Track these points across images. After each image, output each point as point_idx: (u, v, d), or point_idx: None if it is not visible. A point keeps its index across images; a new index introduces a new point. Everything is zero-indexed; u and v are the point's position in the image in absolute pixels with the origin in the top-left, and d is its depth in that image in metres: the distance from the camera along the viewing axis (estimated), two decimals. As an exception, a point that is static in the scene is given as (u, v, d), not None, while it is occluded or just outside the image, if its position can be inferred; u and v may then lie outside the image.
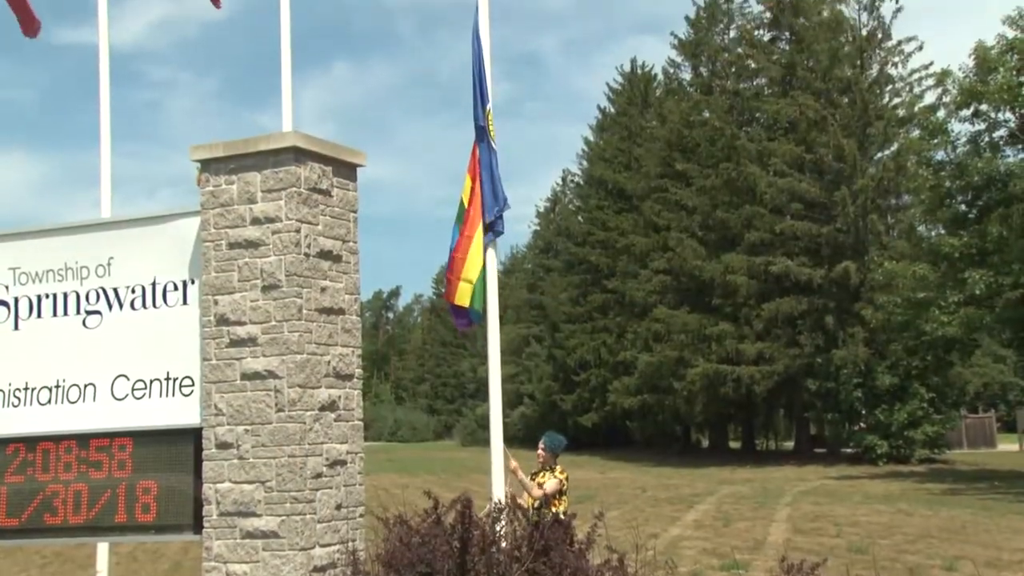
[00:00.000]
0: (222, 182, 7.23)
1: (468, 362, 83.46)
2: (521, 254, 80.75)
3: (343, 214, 7.47)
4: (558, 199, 69.03)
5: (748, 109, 43.63)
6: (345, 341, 7.33)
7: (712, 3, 48.62)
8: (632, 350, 45.92)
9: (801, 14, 41.40)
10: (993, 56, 26.74)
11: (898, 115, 39.22)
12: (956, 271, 27.90)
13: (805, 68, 40.63)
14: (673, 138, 46.26)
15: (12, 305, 7.97)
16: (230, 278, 7.14)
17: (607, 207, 54.60)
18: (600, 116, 60.72)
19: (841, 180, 38.55)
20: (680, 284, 43.59)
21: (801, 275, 38.20)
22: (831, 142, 38.15)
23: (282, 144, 7.11)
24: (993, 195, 27.29)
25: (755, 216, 39.51)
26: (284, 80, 8.56)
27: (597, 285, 53.50)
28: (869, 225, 38.79)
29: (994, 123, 28.04)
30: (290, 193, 7.03)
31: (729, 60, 45.53)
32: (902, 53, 39.39)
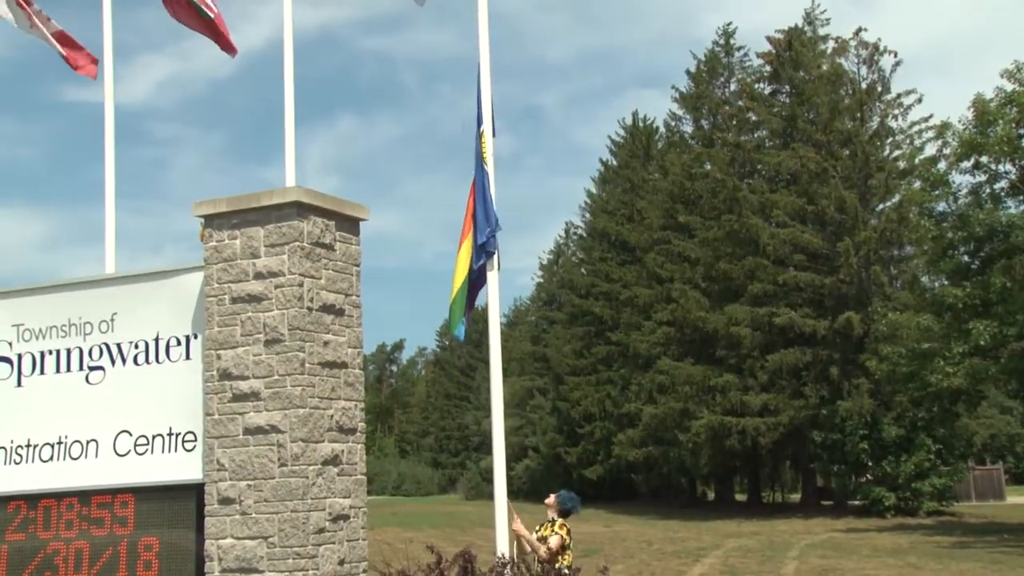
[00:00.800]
0: (225, 237, 7.28)
1: (472, 415, 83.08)
2: (524, 306, 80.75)
3: (346, 268, 7.52)
4: (561, 251, 69.21)
5: (749, 161, 43.89)
6: (348, 395, 7.33)
7: (712, 57, 49.16)
8: (636, 402, 45.74)
9: (801, 67, 41.82)
10: (992, 109, 26.97)
11: (899, 167, 39.42)
12: (960, 322, 27.86)
13: (806, 120, 40.95)
14: (675, 190, 46.50)
15: (15, 362, 7.99)
16: (233, 332, 7.16)
17: (610, 259, 54.73)
18: (602, 169, 61.11)
19: (843, 231, 38.66)
20: (684, 336, 43.53)
21: (805, 326, 38.15)
22: (833, 194, 38.32)
23: (285, 199, 7.17)
24: (995, 246, 27.34)
25: (758, 267, 39.57)
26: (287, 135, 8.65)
27: (601, 337, 53.43)
28: (872, 276, 38.81)
29: (995, 175, 28.20)
30: (293, 248, 7.07)
31: (730, 113, 45.90)
32: (902, 106, 39.71)
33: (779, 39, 42.64)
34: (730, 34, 49.33)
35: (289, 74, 8.89)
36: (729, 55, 49.15)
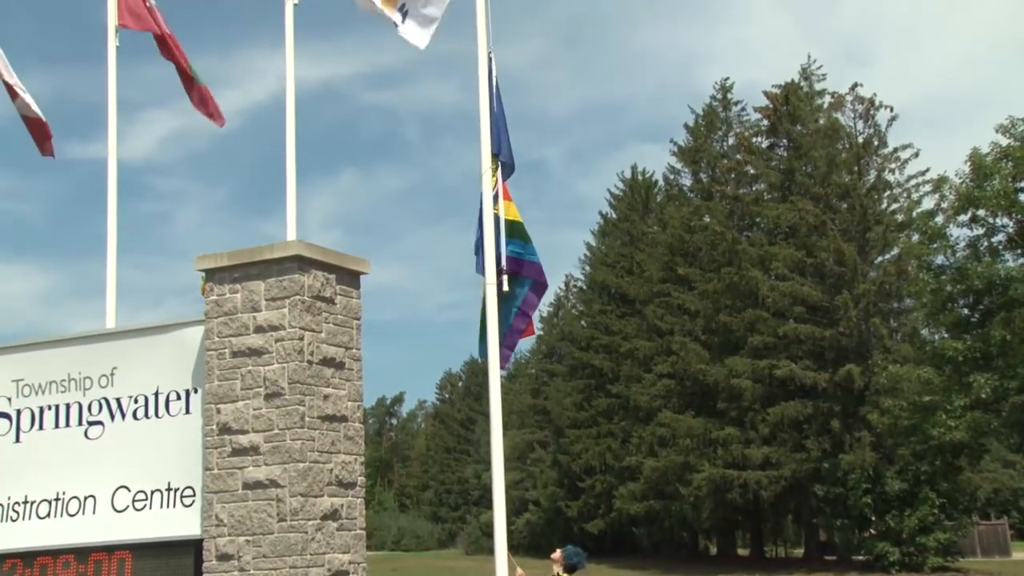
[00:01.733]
0: (226, 291, 7.30)
1: (472, 468, 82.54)
2: (525, 359, 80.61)
3: (346, 321, 7.53)
4: (561, 304, 69.26)
5: (748, 214, 44.10)
6: (348, 448, 7.30)
7: (710, 111, 49.62)
8: (637, 455, 45.48)
9: (798, 122, 42.19)
10: (988, 163, 27.15)
11: (897, 220, 39.58)
12: (961, 375, 27.79)
13: (804, 174, 41.20)
14: (675, 243, 46.66)
15: (14, 418, 7.97)
16: (233, 386, 7.15)
17: (610, 311, 54.73)
18: (602, 221, 61.37)
19: (842, 284, 38.72)
20: (684, 388, 43.41)
21: (805, 379, 38.05)
22: (831, 246, 38.44)
23: (286, 253, 7.21)
24: (994, 299, 27.37)
25: (758, 320, 39.58)
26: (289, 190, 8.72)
27: (601, 390, 53.27)
28: (872, 329, 38.80)
29: (992, 228, 28.30)
30: (293, 301, 7.09)
31: (728, 166, 46.21)
32: (898, 160, 39.98)
33: (776, 94, 43.07)
34: (728, 89, 49.84)
35: (291, 129, 8.98)
36: (727, 109, 49.60)
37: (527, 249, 10.39)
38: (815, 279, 39.86)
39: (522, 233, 10.41)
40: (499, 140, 10.43)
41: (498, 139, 10.44)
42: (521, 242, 10.41)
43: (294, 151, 8.86)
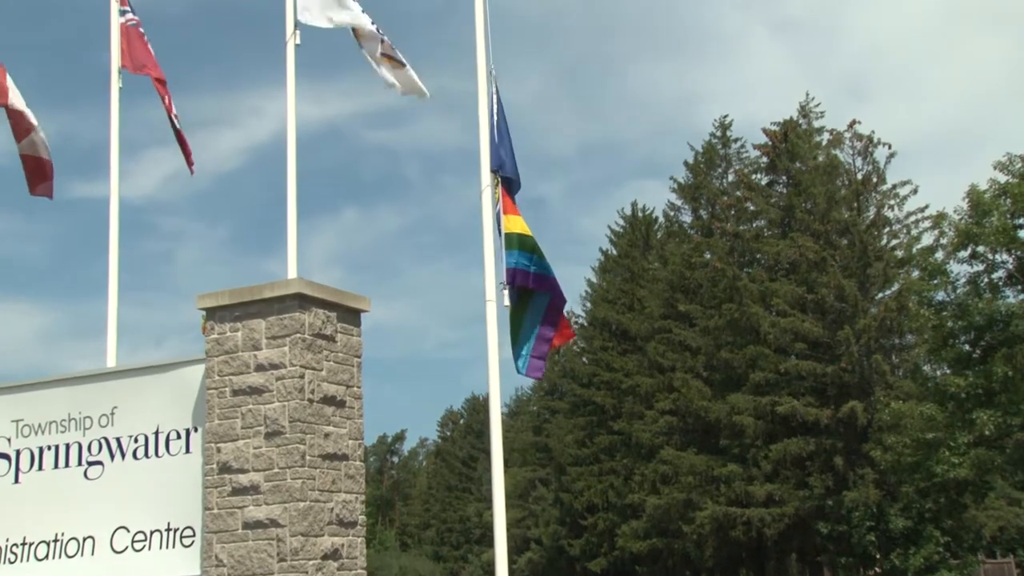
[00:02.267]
0: (227, 329, 7.31)
1: (474, 507, 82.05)
2: (526, 396, 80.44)
3: (347, 359, 7.52)
4: (562, 340, 69.13)
5: (749, 250, 44.17)
6: (348, 487, 7.27)
7: (710, 148, 49.86)
8: (640, 493, 45.22)
9: (797, 159, 42.37)
10: (987, 200, 27.24)
11: (897, 256, 39.63)
12: (964, 411, 27.68)
13: (803, 211, 41.31)
14: (675, 279, 46.69)
15: (13, 458, 7.94)
16: (233, 425, 7.13)
17: (611, 348, 54.65)
18: (603, 258, 61.45)
19: (844, 320, 38.71)
20: (687, 425, 43.26)
21: (808, 415, 37.92)
22: (832, 282, 38.47)
23: (287, 291, 7.22)
24: (995, 335, 27.33)
25: (759, 356, 39.52)
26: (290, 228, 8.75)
27: (603, 427, 53.08)
28: (874, 365, 38.71)
29: (992, 264, 28.33)
30: (294, 339, 7.09)
31: (728, 203, 46.36)
32: (897, 196, 40.09)
33: (775, 131, 43.31)
34: (727, 126, 50.12)
35: (292, 168, 9.03)
36: (726, 147, 49.85)
37: (541, 263, 10.39)
38: (816, 315, 39.85)
39: (533, 246, 10.42)
40: (499, 155, 10.58)
41: (499, 155, 10.59)
42: (532, 255, 10.42)
43: (295, 190, 8.91)
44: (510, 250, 10.12)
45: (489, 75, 10.81)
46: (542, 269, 10.31)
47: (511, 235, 10.16)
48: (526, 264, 10.19)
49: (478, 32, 11.03)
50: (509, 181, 10.65)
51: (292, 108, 9.13)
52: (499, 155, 10.54)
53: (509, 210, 10.31)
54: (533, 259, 10.29)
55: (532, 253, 10.29)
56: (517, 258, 10.13)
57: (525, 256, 10.22)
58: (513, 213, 10.36)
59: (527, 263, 10.19)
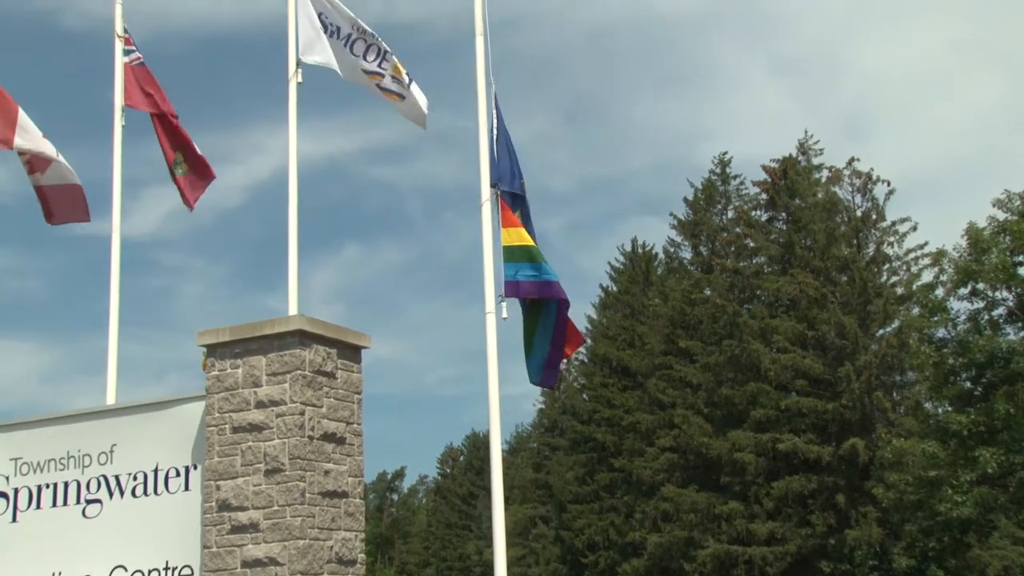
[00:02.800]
0: (227, 366, 7.30)
1: (474, 544, 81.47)
2: (527, 433, 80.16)
3: (347, 396, 7.51)
4: (563, 377, 68.98)
5: (749, 287, 44.20)
6: (348, 525, 7.23)
7: (709, 185, 50.05)
8: (641, 530, 44.93)
9: (797, 195, 42.52)
10: (986, 237, 27.29)
11: (897, 293, 39.67)
12: (966, 449, 27.56)
13: (803, 247, 41.40)
14: (676, 316, 46.67)
15: (11, 497, 7.90)
16: (233, 462, 7.11)
17: (612, 385, 54.51)
18: (603, 294, 61.44)
19: (844, 356, 38.66)
20: (688, 462, 43.06)
21: (809, 452, 37.78)
22: (832, 319, 38.47)
23: (287, 328, 7.22)
24: (996, 372, 27.28)
25: (760, 393, 39.43)
26: (291, 264, 8.78)
27: (604, 464, 52.81)
28: (875, 402, 38.62)
29: (992, 302, 28.34)
30: (295, 376, 7.09)
31: (728, 239, 46.47)
32: (896, 233, 40.22)
33: (774, 168, 43.50)
34: (726, 163, 50.36)
35: (293, 205, 9.07)
36: (726, 183, 50.05)
37: (543, 270, 10.50)
38: (817, 352, 39.82)
39: (535, 255, 10.54)
40: (499, 169, 10.75)
41: (498, 168, 10.76)
42: (537, 264, 10.56)
43: (296, 227, 8.94)
44: (509, 263, 10.27)
45: (489, 88, 11.02)
46: (545, 275, 10.42)
47: (510, 248, 10.31)
48: (529, 275, 10.30)
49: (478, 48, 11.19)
50: (511, 195, 10.80)
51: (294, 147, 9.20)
52: (499, 169, 10.74)
53: (508, 223, 10.45)
54: (536, 268, 10.40)
55: (534, 262, 10.42)
56: (517, 270, 10.26)
57: (527, 267, 10.34)
58: (513, 226, 10.50)
59: (531, 273, 10.30)
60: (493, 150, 10.87)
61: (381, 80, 11.02)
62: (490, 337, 9.91)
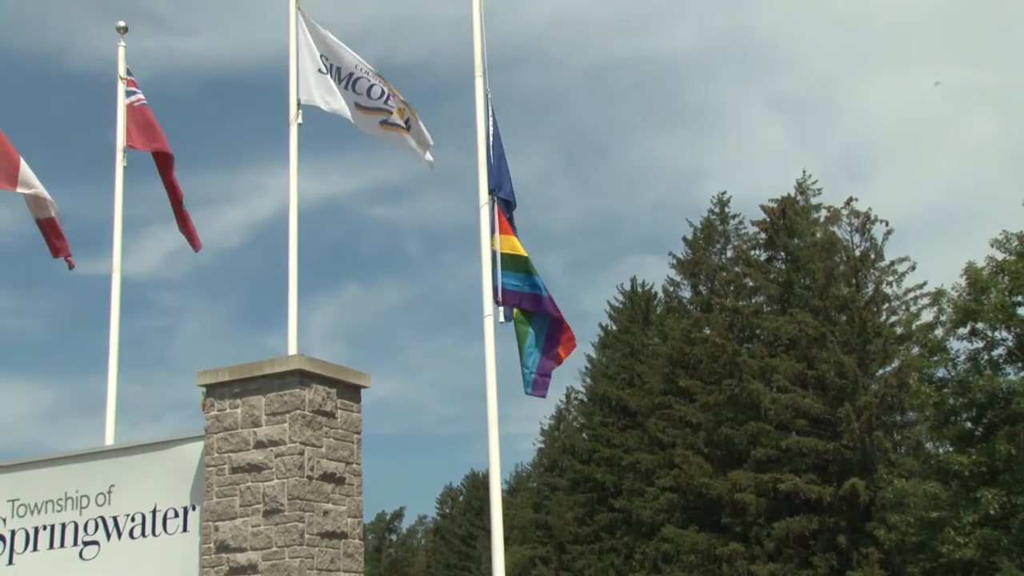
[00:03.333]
0: (227, 406, 7.29)
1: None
2: (526, 472, 79.73)
3: (347, 436, 7.49)
4: (562, 416, 68.83)
5: (748, 326, 44.18)
6: (347, 566, 7.19)
7: (708, 224, 50.20)
8: (641, 571, 44.55)
9: (795, 235, 42.64)
10: (985, 277, 27.36)
11: (896, 332, 39.67)
12: (968, 490, 27.43)
13: (802, 286, 41.45)
14: (675, 355, 46.60)
15: (8, 539, 7.85)
16: (232, 503, 7.07)
17: (611, 424, 54.31)
18: (602, 334, 61.39)
19: (844, 396, 38.58)
20: (688, 502, 42.80)
21: (810, 493, 37.57)
22: (832, 358, 38.42)
23: (287, 367, 7.22)
24: (997, 412, 27.23)
25: (760, 432, 39.29)
26: (291, 304, 8.79)
27: (604, 504, 52.49)
28: (876, 442, 38.48)
29: (992, 342, 28.35)
30: (294, 416, 7.07)
31: (727, 279, 46.52)
32: (895, 273, 40.30)
33: (773, 208, 43.66)
34: (725, 203, 50.55)
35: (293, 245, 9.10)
36: (725, 223, 50.20)
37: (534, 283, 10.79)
38: (817, 391, 39.73)
39: (526, 267, 10.82)
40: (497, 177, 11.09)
41: (498, 176, 11.09)
42: (526, 275, 10.84)
43: (296, 267, 8.97)
44: (504, 270, 10.56)
45: (486, 98, 11.27)
46: (534, 289, 10.70)
47: (505, 255, 10.62)
48: (516, 285, 10.61)
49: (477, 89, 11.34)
50: (505, 202, 11.12)
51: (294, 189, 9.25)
52: (496, 176, 11.06)
53: (504, 230, 10.77)
54: (525, 279, 10.70)
55: (524, 273, 10.71)
56: (510, 279, 10.54)
57: (517, 277, 10.66)
58: (507, 233, 10.84)
59: (518, 284, 10.62)
60: (490, 156, 11.18)
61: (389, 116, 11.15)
62: (488, 340, 10.16)
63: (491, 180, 11.18)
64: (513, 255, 10.79)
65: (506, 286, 10.62)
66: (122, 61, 12.83)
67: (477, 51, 11.86)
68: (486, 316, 10.35)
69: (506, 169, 11.46)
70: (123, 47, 12.97)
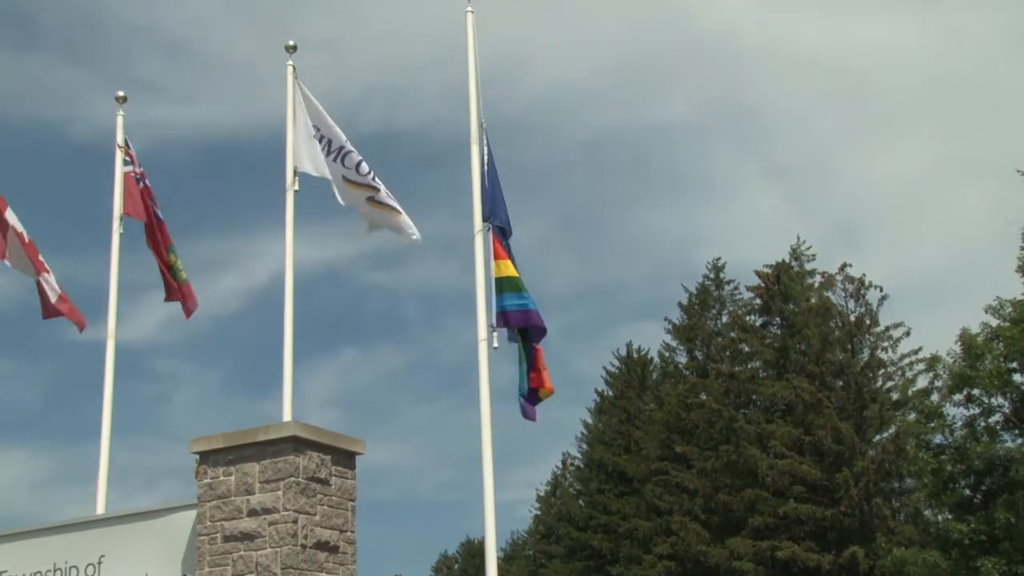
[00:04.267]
0: (220, 474, 7.24)
1: (467, 656, 79.35)
2: (522, 539, 78.77)
3: (341, 503, 7.43)
4: (559, 483, 68.21)
5: (744, 391, 44.07)
6: (339, 639, 7.08)
7: (703, 290, 50.32)
8: (639, 642, 43.86)
9: (790, 300, 42.75)
10: (980, 343, 27.39)
11: (892, 398, 39.59)
12: (968, 559, 27.14)
13: (798, 352, 41.44)
14: (672, 420, 46.39)
15: (-3, 610, 7.73)
16: (224, 572, 6.99)
17: (608, 490, 53.84)
18: (598, 399, 61.14)
19: (841, 462, 38.36)
20: (686, 570, 42.27)
21: (809, 561, 37.15)
22: (828, 424, 38.28)
23: (281, 434, 7.19)
24: (996, 480, 27.06)
25: (758, 499, 38.98)
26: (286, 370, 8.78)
27: (601, 572, 51.78)
28: (874, 509, 38.19)
29: (988, 408, 28.28)
30: (288, 483, 7.02)
31: (723, 344, 46.50)
32: (890, 338, 40.33)
33: (767, 273, 43.85)
34: (720, 268, 50.76)
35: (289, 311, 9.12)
36: (720, 288, 50.33)
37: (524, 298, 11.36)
38: (814, 457, 39.51)
39: (519, 285, 11.38)
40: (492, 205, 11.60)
41: (492, 204, 11.60)
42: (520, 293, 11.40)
43: (291, 333, 8.97)
44: (500, 294, 11.08)
45: (480, 127, 11.71)
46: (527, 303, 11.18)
47: (500, 279, 11.10)
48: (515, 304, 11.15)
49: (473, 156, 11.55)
50: (500, 229, 11.57)
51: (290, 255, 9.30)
52: (491, 204, 11.55)
53: (499, 256, 11.26)
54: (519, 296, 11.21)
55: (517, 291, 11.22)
56: (505, 300, 11.05)
57: (513, 296, 11.19)
58: (502, 258, 11.31)
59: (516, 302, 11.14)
60: (485, 184, 11.60)
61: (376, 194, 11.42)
62: (482, 365, 10.57)
63: (485, 208, 11.68)
64: (508, 277, 11.39)
65: (506, 308, 11.21)
66: (120, 130, 12.98)
67: (473, 119, 12.08)
68: (480, 340, 10.81)
69: (500, 198, 11.91)
70: (122, 116, 13.13)
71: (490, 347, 10.97)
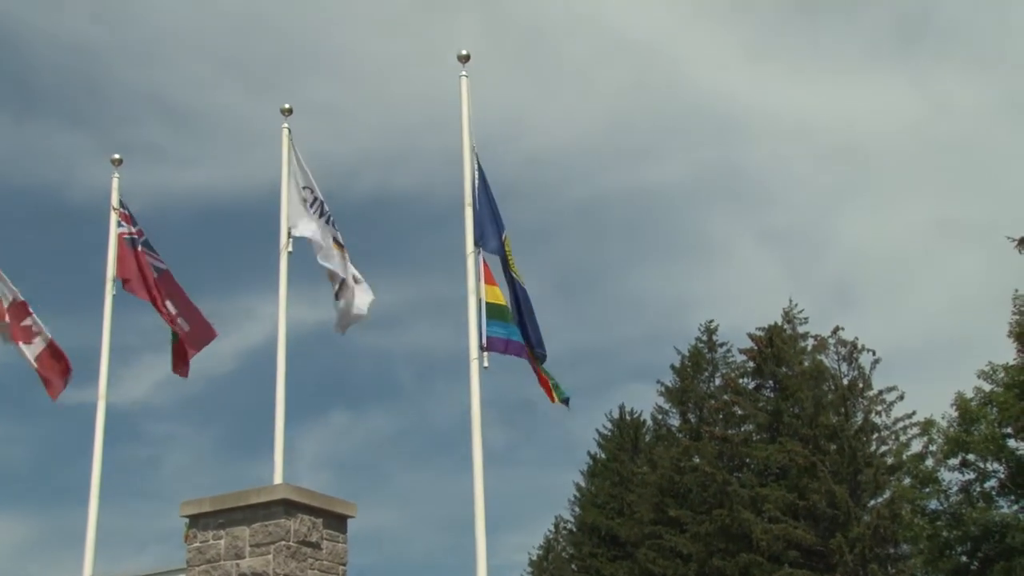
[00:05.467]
0: (210, 537, 7.17)
1: None
2: (514, 605, 77.62)
3: (332, 567, 7.35)
4: (551, 547, 67.40)
5: (738, 455, 43.80)
6: None
7: (696, 353, 50.27)
8: None
9: (783, 363, 42.70)
10: (974, 408, 27.42)
11: (887, 463, 39.33)
12: (967, 625, 26.89)
13: (791, 415, 41.30)
14: (665, 483, 46.04)
15: None
16: (211, 641, 6.88)
17: (601, 554, 53.21)
18: (591, 462, 60.71)
19: (836, 527, 38.01)
20: (680, 638, 41.66)
21: (805, 628, 36.64)
22: (823, 488, 38.02)
23: (272, 497, 7.13)
24: (992, 546, 26.90)
25: (752, 564, 38.53)
26: (277, 433, 8.74)
27: (593, 639, 51.02)
28: (871, 574, 37.77)
29: (983, 473, 28.22)
30: (279, 547, 6.95)
31: (716, 407, 46.34)
32: (884, 402, 40.18)
33: (760, 336, 43.85)
34: (712, 331, 50.77)
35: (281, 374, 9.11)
36: (712, 351, 50.28)
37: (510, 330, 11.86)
38: (808, 522, 39.16)
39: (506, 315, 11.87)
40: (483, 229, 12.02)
41: (482, 228, 12.01)
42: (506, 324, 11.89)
43: (283, 395, 8.96)
44: (490, 319, 11.51)
45: (472, 151, 12.09)
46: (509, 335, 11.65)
47: (490, 305, 11.52)
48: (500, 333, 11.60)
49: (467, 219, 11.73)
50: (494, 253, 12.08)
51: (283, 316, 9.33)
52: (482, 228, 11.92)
53: (489, 280, 11.69)
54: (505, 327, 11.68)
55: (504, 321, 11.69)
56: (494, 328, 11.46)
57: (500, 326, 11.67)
58: (492, 284, 11.75)
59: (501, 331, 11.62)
60: (476, 209, 11.96)
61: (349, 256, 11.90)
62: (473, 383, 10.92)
63: (476, 231, 12.11)
64: (496, 305, 11.88)
65: (491, 334, 11.69)
66: (115, 192, 13.06)
67: (467, 183, 12.21)
68: (472, 360, 11.19)
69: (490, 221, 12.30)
70: (117, 178, 13.22)
71: (481, 366, 11.45)
